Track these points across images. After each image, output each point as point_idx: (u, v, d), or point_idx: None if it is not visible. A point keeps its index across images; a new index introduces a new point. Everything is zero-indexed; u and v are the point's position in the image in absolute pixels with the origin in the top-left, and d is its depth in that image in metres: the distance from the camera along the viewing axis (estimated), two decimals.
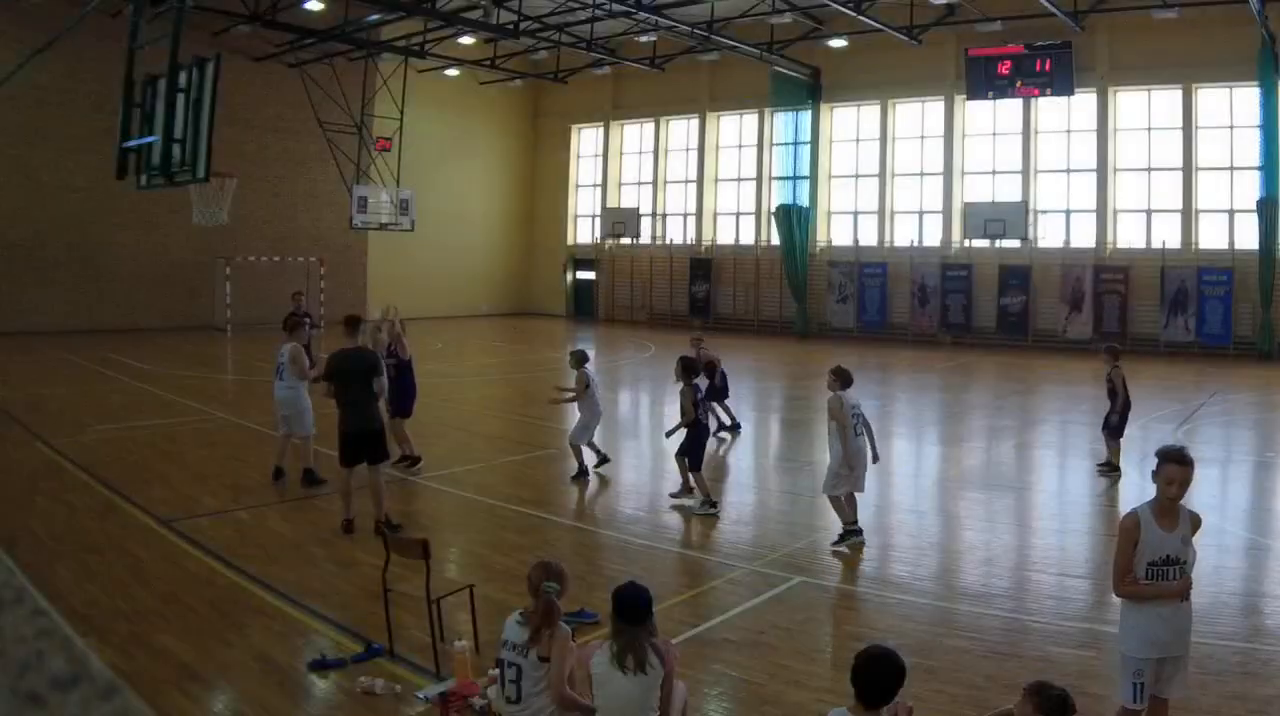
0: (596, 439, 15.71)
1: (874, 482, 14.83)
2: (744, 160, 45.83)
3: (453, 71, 44.92)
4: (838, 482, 11.77)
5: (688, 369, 13.61)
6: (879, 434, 12.81)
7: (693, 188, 47.22)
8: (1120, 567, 6.39)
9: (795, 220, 42.10)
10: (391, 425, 14.63)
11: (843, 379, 11.82)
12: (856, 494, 11.97)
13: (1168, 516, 6.34)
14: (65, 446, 16.53)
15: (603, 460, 15.57)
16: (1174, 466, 6.25)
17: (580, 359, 15.42)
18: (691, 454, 13.47)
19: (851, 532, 11.75)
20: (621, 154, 50.10)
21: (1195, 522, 6.53)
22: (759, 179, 44.97)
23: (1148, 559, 6.29)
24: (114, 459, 15.85)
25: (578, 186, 51.97)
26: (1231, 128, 36.57)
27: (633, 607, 5.87)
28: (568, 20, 37.94)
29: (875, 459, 12.21)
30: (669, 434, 14.49)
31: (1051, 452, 18.87)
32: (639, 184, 49.18)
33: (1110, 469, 16.01)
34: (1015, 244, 38.71)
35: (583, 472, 15.05)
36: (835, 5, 33.41)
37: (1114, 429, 15.87)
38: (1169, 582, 6.30)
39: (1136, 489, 13.88)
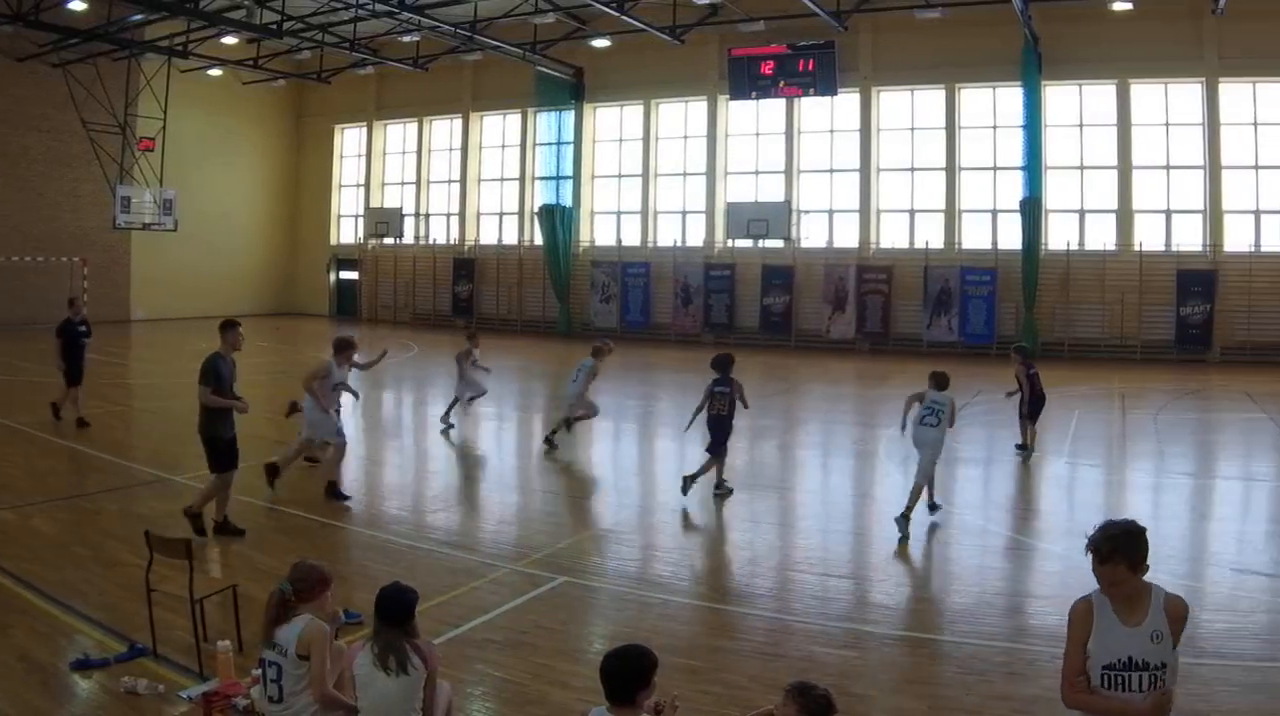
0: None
1: (636, 483, 15.05)
2: (507, 160, 42.70)
3: (216, 71, 41.26)
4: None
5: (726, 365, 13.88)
6: (643, 435, 14.57)
7: (456, 188, 43.78)
8: (1067, 668, 4.59)
9: (558, 220, 39.21)
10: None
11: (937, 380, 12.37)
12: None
13: (1128, 605, 4.48)
14: None
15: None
16: (1095, 566, 4.47)
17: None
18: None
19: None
20: (385, 154, 46.31)
21: (1177, 613, 4.51)
22: (522, 179, 41.90)
23: (1101, 661, 4.47)
24: None
25: (341, 186, 48.03)
26: (994, 128, 34.52)
27: (394, 608, 5.53)
28: (331, 20, 35.28)
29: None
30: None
31: (815, 453, 17.72)
32: (402, 184, 45.60)
33: (1021, 448, 16.65)
34: (778, 244, 36.48)
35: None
36: (598, 5, 31.17)
37: (1028, 417, 16.56)
38: (1132, 696, 4.42)
39: (898, 488, 13.24)
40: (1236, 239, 32.44)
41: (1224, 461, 17.42)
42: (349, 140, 47.85)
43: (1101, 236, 33.50)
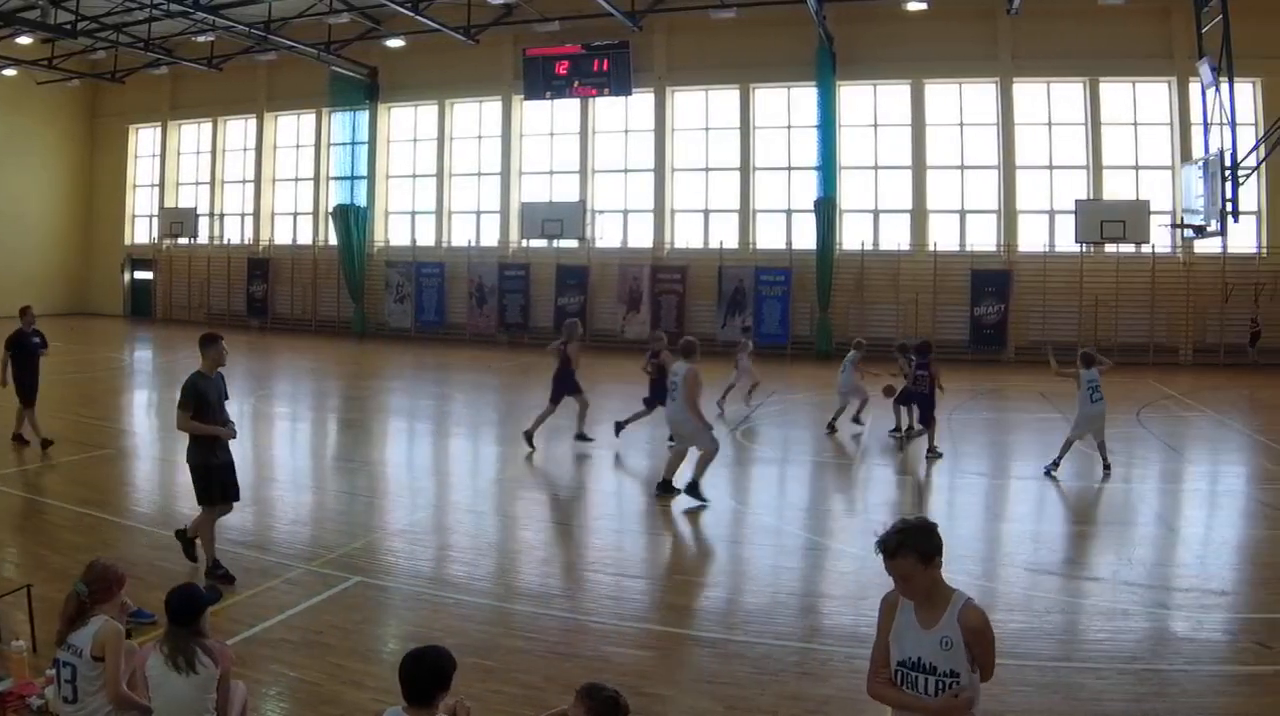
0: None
1: (431, 483, 14.45)
2: (302, 160, 39.37)
3: (10, 71, 38.12)
4: None
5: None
6: (437, 435, 14.51)
7: (250, 187, 40.22)
8: (873, 659, 4.37)
9: (353, 220, 36.10)
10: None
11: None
12: None
13: (928, 607, 4.15)
14: None
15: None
16: (886, 563, 4.16)
17: None
18: None
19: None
20: (179, 154, 42.56)
21: (968, 622, 4.09)
22: (317, 179, 38.53)
23: (896, 657, 4.23)
24: None
25: (136, 186, 44.00)
26: (789, 128, 32.23)
27: (182, 608, 5.28)
28: (125, 20, 33.23)
29: None
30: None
31: (608, 452, 16.23)
32: (197, 184, 41.89)
33: (907, 431, 16.72)
34: (573, 244, 33.99)
35: None
36: (392, 5, 29.42)
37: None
38: (920, 696, 4.15)
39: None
40: (1030, 239, 30.56)
41: (1018, 461, 16.52)
42: (144, 140, 43.92)
43: (896, 236, 31.34)
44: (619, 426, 16.05)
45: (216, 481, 9.19)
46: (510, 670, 7.27)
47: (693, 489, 12.10)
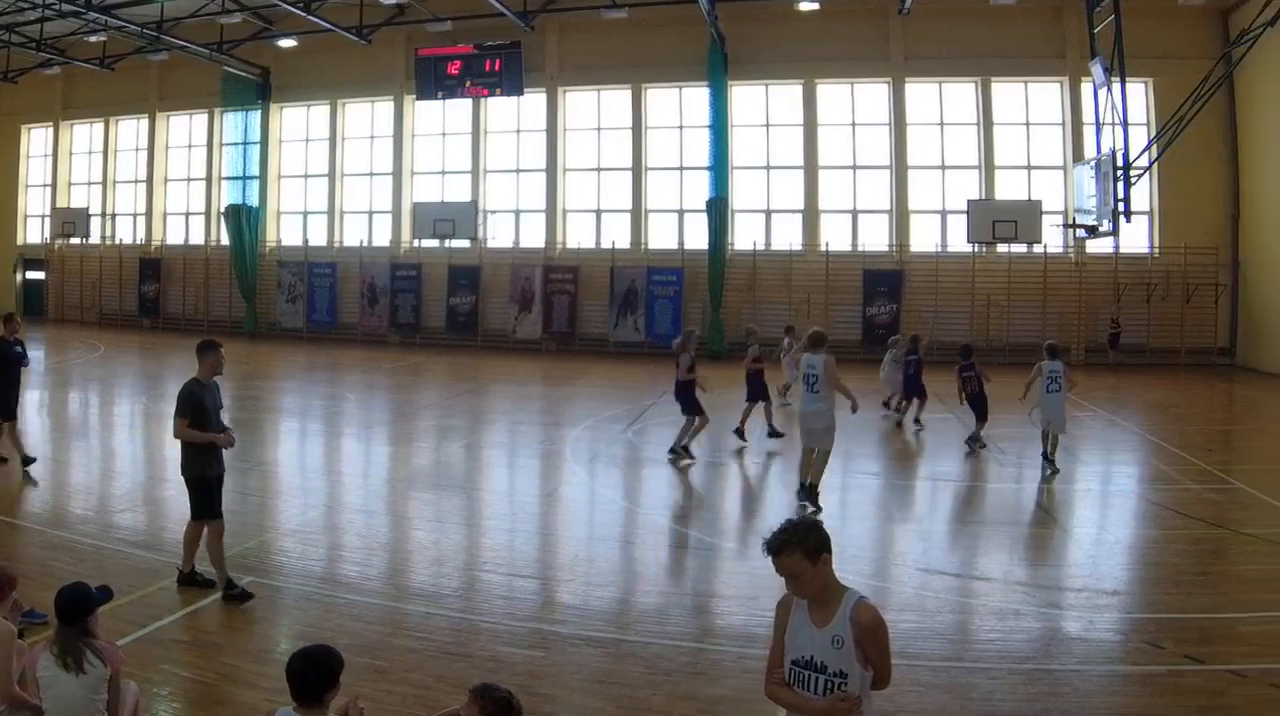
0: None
1: (323, 483, 13.89)
2: (194, 160, 37.66)
3: None
4: None
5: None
6: (329, 435, 14.20)
7: (143, 188, 38.38)
8: (769, 659, 4.18)
9: (245, 220, 34.43)
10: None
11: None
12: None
13: (821, 606, 3.98)
14: None
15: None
16: (774, 562, 3.97)
17: None
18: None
19: None
20: (71, 154, 40.71)
21: (860, 621, 3.91)
22: (209, 179, 36.85)
23: (790, 656, 4.04)
24: None
25: (28, 186, 41.90)
26: (681, 128, 31.01)
27: (71, 608, 5.14)
28: (17, 20, 31.86)
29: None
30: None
31: (500, 452, 16.47)
32: (89, 184, 39.93)
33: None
34: (465, 244, 32.60)
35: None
36: (284, 5, 28.31)
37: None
38: (808, 696, 3.97)
39: (584, 488, 13.16)
40: (922, 239, 29.52)
41: (911, 462, 16.08)
42: (36, 140, 41.82)
43: (788, 236, 30.12)
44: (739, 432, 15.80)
45: (216, 493, 8.67)
46: (402, 670, 7.10)
47: (810, 492, 11.63)
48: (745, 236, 30.42)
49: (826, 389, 11.61)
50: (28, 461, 13.19)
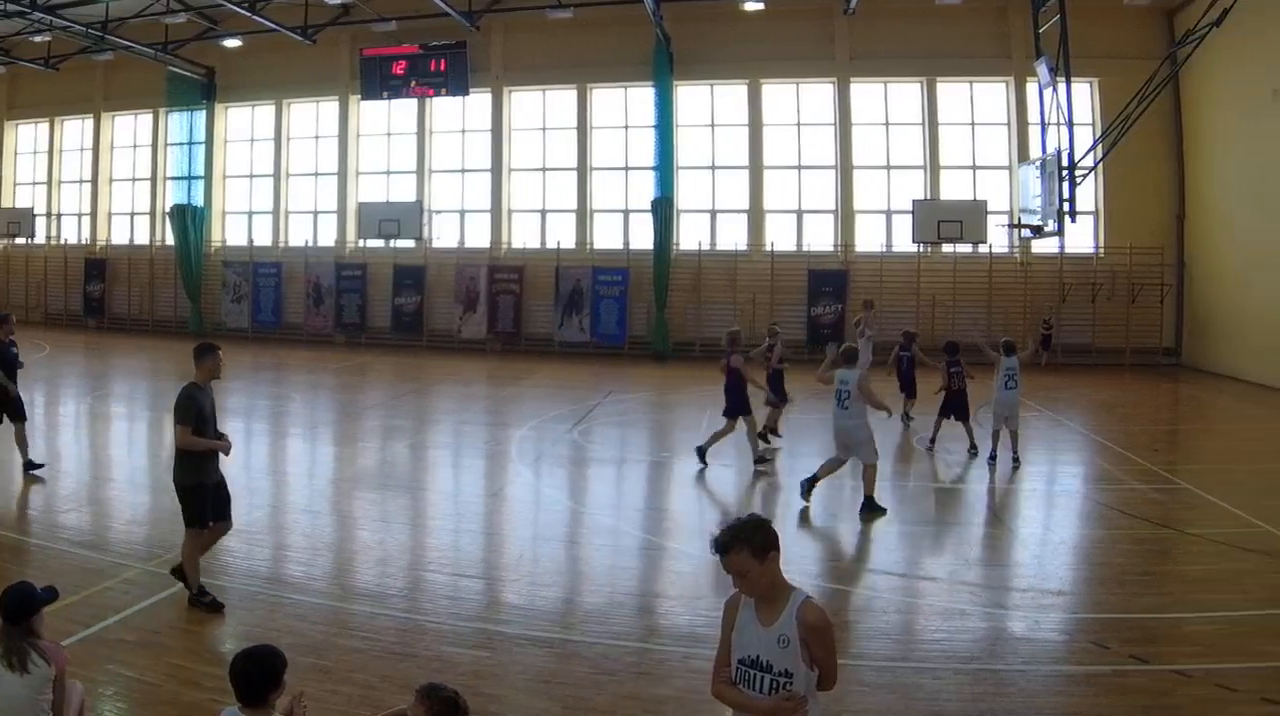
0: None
1: (268, 483, 13.56)
2: (139, 160, 36.84)
3: None
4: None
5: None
6: (275, 435, 14.07)
7: (88, 188, 37.83)
8: (716, 659, 4.16)
9: (190, 220, 33.74)
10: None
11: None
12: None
13: (769, 605, 3.97)
14: None
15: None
16: (722, 561, 3.95)
17: None
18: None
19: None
20: (16, 154, 40.08)
21: (806, 620, 3.90)
22: (154, 179, 36.03)
23: (736, 655, 4.04)
24: None
25: None
26: (626, 128, 30.45)
27: (15, 608, 5.08)
28: None
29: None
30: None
31: (446, 452, 16.33)
32: (34, 184, 38.97)
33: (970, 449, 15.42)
34: (410, 244, 31.83)
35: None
36: (229, 5, 27.54)
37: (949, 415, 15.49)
38: (754, 695, 3.95)
39: (529, 488, 13.15)
40: (867, 239, 28.98)
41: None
42: None
43: (733, 236, 29.57)
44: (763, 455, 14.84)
45: (209, 502, 8.40)
46: (347, 670, 7.05)
47: (870, 505, 11.58)
48: (690, 236, 29.84)
49: (857, 403, 11.70)
50: (32, 466, 13.01)
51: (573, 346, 29.89)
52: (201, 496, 8.30)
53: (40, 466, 12.77)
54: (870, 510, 11.55)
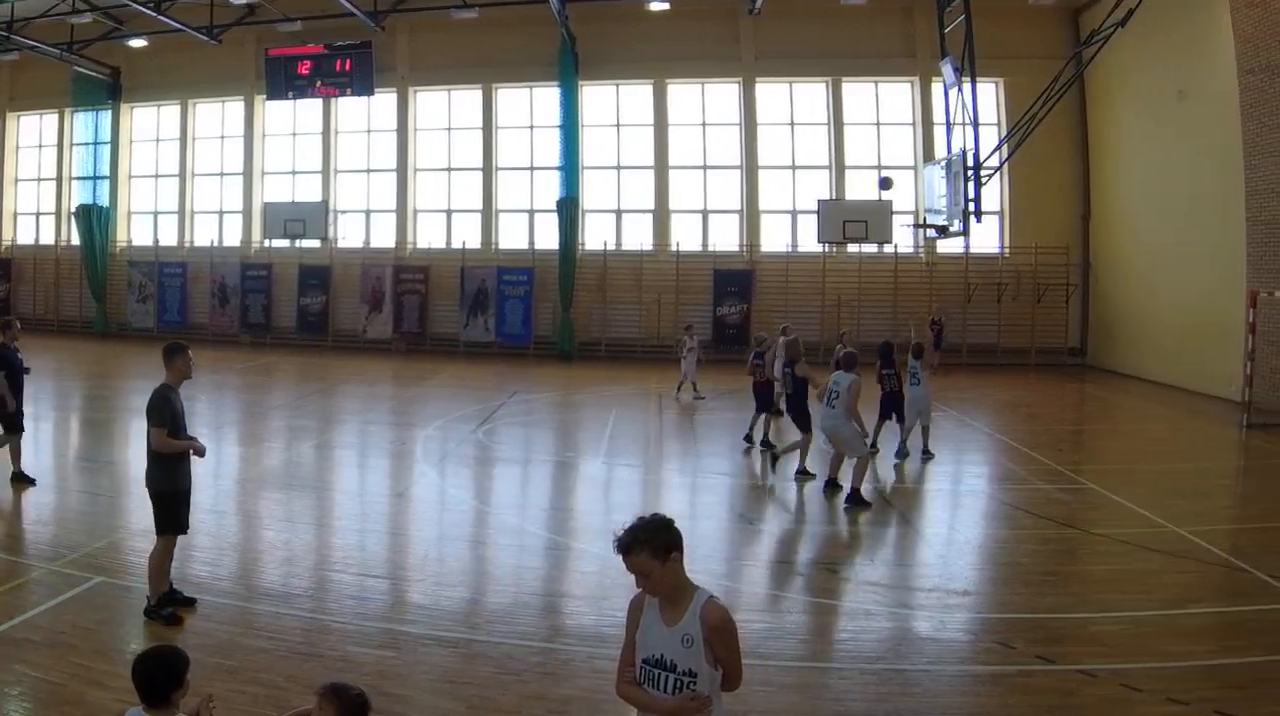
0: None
1: None
2: (45, 160, 35.95)
3: None
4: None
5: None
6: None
7: None
8: (621, 658, 4.05)
9: (95, 220, 32.73)
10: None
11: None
12: None
13: (672, 605, 3.87)
14: None
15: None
16: (625, 561, 3.82)
17: None
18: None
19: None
20: None
21: (709, 620, 3.79)
22: (59, 179, 35.16)
23: (641, 655, 3.94)
24: None
25: None
26: (532, 128, 29.71)
27: None
28: None
29: None
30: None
31: (351, 452, 15.96)
32: None
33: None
34: (315, 244, 30.91)
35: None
36: (135, 5, 26.73)
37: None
38: (657, 695, 3.86)
39: (435, 488, 12.94)
40: (773, 239, 28.27)
41: (759, 462, 15.22)
42: None
43: (639, 236, 28.83)
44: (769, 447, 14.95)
45: (188, 507, 8.20)
46: (252, 670, 6.89)
47: (856, 498, 11.62)
48: (596, 236, 29.10)
49: (843, 406, 11.83)
50: (22, 477, 12.32)
51: (478, 346, 29.22)
52: (176, 501, 8.03)
53: (32, 482, 12.06)
54: (856, 504, 11.52)
